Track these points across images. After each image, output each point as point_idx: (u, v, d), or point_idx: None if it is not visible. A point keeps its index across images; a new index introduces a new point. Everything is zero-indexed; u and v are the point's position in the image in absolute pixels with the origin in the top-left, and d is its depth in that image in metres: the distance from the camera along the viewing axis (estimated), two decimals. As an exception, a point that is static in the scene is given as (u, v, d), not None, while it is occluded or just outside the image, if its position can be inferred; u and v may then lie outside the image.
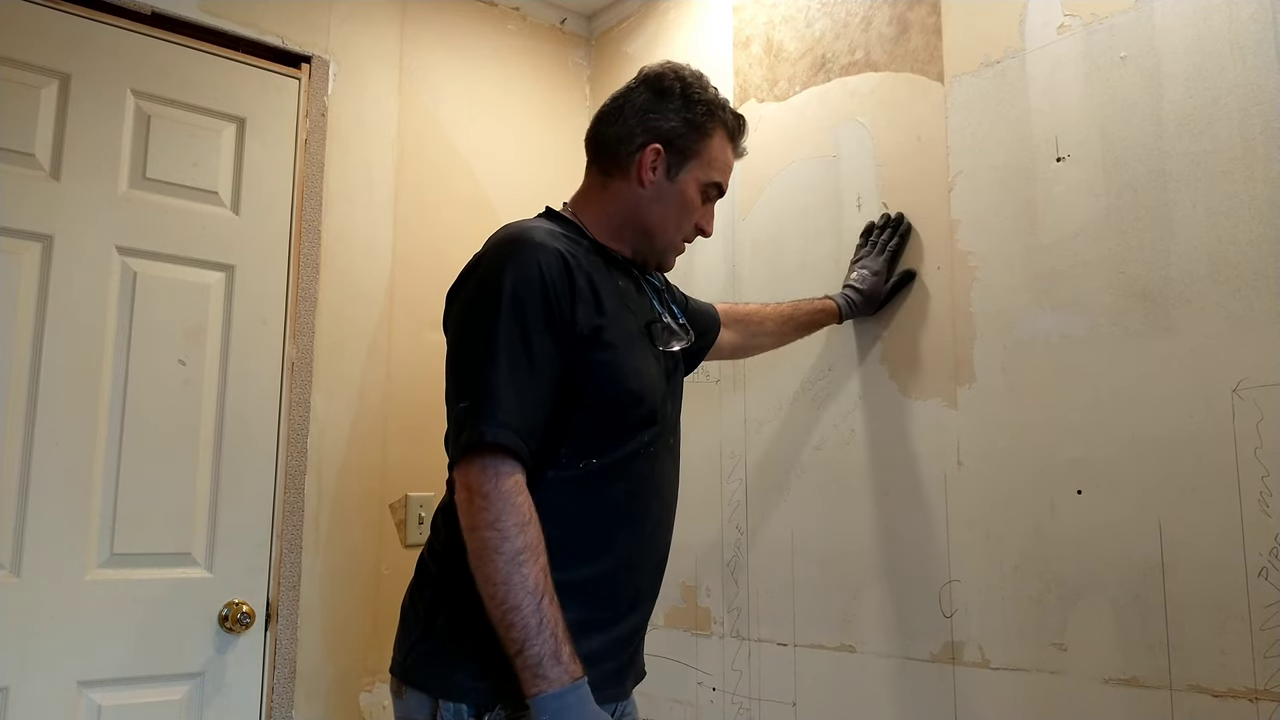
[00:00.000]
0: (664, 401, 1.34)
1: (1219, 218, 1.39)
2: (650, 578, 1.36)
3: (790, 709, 1.91)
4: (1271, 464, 1.31)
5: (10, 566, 1.76)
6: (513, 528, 1.10)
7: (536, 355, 1.17)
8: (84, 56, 1.93)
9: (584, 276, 1.24)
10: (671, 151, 1.35)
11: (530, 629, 1.07)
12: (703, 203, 1.40)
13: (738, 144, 1.43)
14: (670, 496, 1.40)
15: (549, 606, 1.09)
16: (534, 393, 1.17)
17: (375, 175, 2.27)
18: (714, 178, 1.39)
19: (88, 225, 1.89)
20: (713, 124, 1.37)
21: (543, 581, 1.10)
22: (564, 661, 1.07)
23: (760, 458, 2.04)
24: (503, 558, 1.09)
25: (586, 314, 1.22)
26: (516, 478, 1.13)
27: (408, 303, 2.27)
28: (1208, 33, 1.42)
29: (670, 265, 1.44)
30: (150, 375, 1.93)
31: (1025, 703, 1.54)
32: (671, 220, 1.37)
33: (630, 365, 1.26)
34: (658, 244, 1.39)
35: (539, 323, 1.18)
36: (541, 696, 1.05)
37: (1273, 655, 1.28)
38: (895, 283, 1.80)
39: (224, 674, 1.94)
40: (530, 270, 1.19)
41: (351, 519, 2.14)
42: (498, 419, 1.13)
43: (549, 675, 1.06)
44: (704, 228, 1.42)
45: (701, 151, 1.36)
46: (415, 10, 2.40)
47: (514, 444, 1.13)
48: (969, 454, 1.67)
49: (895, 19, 1.88)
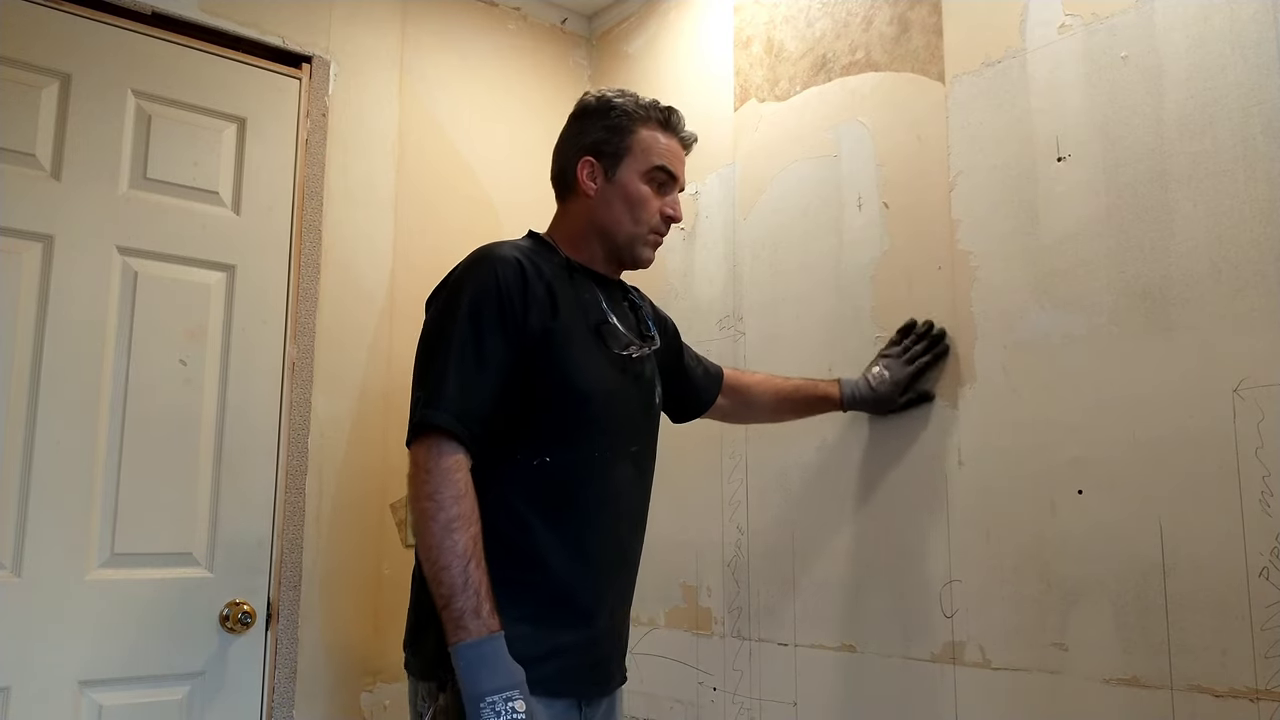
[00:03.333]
0: (620, 404, 1.43)
1: (1219, 218, 1.39)
2: (617, 581, 1.44)
3: (791, 709, 1.91)
4: (1272, 464, 1.31)
5: (11, 566, 1.76)
6: (448, 499, 1.24)
7: (486, 353, 1.31)
8: (84, 56, 1.93)
9: (543, 285, 1.37)
10: (603, 157, 1.47)
11: (456, 587, 1.20)
12: (658, 190, 1.48)
13: (673, 130, 1.50)
14: (630, 503, 1.47)
15: (474, 569, 1.22)
16: (480, 385, 1.30)
17: (376, 175, 2.27)
18: (653, 163, 1.47)
19: (88, 225, 1.89)
20: (633, 122, 1.47)
21: (471, 548, 1.23)
22: (483, 617, 1.20)
23: (760, 458, 2.04)
24: (437, 525, 1.22)
25: (540, 317, 1.35)
26: (456, 457, 1.27)
27: (408, 303, 2.27)
28: (1208, 32, 1.42)
29: (644, 258, 1.51)
30: (151, 375, 1.93)
31: (1025, 703, 1.54)
32: (624, 216, 1.47)
33: (578, 365, 1.37)
34: (619, 240, 1.48)
35: (492, 325, 1.32)
36: (461, 645, 1.19)
37: (1274, 655, 1.28)
38: (910, 399, 1.74)
39: (224, 674, 1.94)
40: (489, 280, 1.34)
41: (352, 519, 2.14)
42: (442, 405, 1.27)
43: (469, 627, 1.20)
44: (668, 213, 1.49)
45: (631, 147, 1.47)
46: (416, 10, 2.40)
47: (455, 427, 1.27)
48: (969, 454, 1.67)
49: (896, 19, 1.88)
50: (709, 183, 2.26)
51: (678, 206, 1.51)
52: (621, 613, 1.47)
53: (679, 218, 1.51)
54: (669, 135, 1.50)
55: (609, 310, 1.46)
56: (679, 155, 1.51)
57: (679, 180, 1.51)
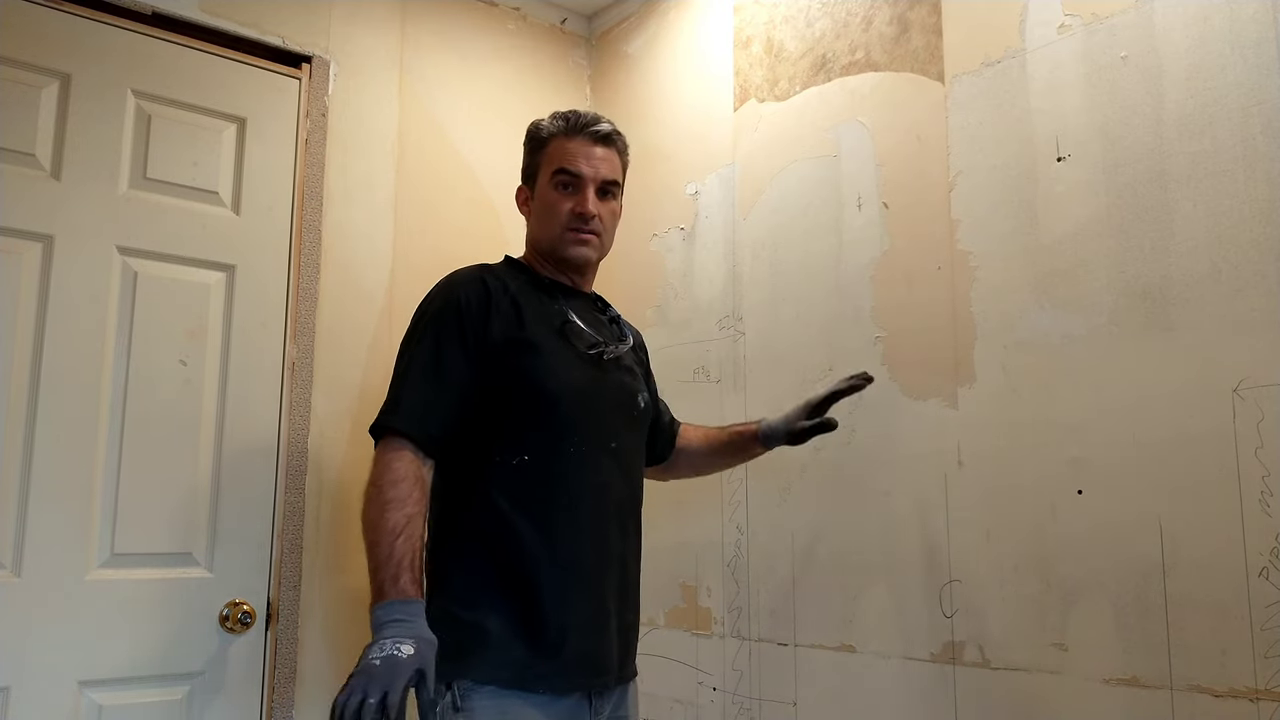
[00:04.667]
0: (595, 402, 1.50)
1: (1219, 218, 1.39)
2: (605, 577, 1.47)
3: (791, 709, 1.91)
4: (1272, 464, 1.31)
5: (11, 566, 1.76)
6: (386, 484, 1.35)
7: (446, 365, 1.43)
8: (84, 56, 1.93)
9: (507, 299, 1.48)
10: (528, 180, 1.62)
11: (381, 559, 1.31)
12: (565, 193, 1.56)
13: (577, 131, 1.57)
14: (613, 499, 1.50)
15: (401, 544, 1.32)
16: (436, 393, 1.42)
17: (375, 175, 2.27)
18: (554, 167, 1.56)
19: (88, 225, 1.89)
20: (546, 139, 1.58)
21: (401, 525, 1.33)
22: (400, 585, 1.29)
23: (760, 458, 2.04)
24: (374, 506, 1.35)
25: (504, 328, 1.45)
26: (400, 451, 1.38)
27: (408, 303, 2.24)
28: (1208, 33, 1.42)
29: (573, 255, 1.56)
30: (151, 375, 1.93)
31: (1025, 703, 1.54)
32: (545, 225, 1.58)
33: (548, 368, 1.46)
34: (545, 247, 1.58)
35: (453, 340, 1.44)
36: (376, 605, 1.29)
37: (1273, 655, 1.28)
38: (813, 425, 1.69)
39: (224, 674, 1.94)
40: (452, 299, 1.47)
41: (352, 519, 2.11)
42: (398, 411, 1.41)
43: (386, 592, 1.29)
44: (575, 210, 1.55)
45: (542, 162, 1.59)
46: (415, 10, 2.40)
47: (404, 428, 1.39)
48: (969, 454, 1.67)
49: (896, 19, 1.88)
50: (709, 183, 2.26)
51: (584, 203, 1.55)
52: (619, 608, 1.48)
53: (585, 211, 1.54)
54: (575, 138, 1.56)
55: (570, 313, 1.54)
56: (587, 153, 1.56)
57: (584, 176, 1.55)
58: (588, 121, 1.57)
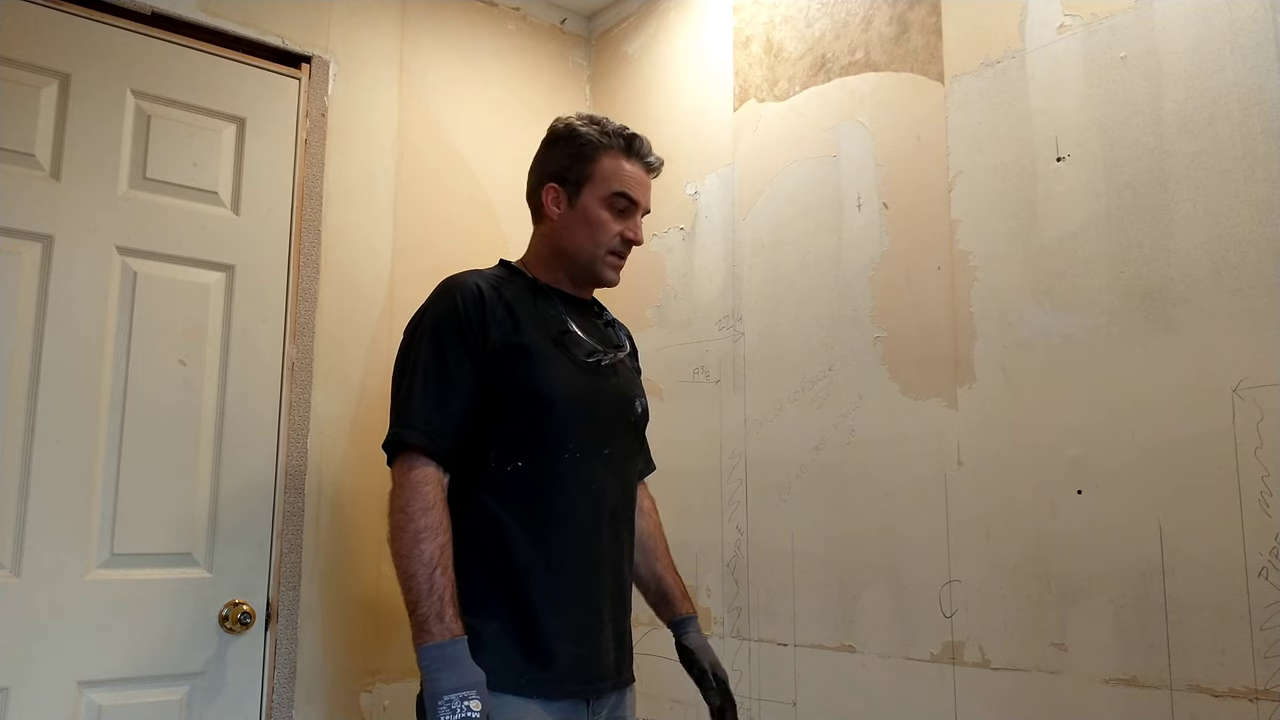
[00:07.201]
0: (588, 409, 1.48)
1: (1219, 218, 1.39)
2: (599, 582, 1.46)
3: (790, 709, 1.91)
4: (1272, 464, 1.31)
5: (10, 566, 1.76)
6: (416, 512, 1.33)
7: (450, 371, 1.41)
8: (84, 56, 1.92)
9: (503, 305, 1.47)
10: (566, 184, 1.55)
11: (422, 593, 1.29)
12: (618, 215, 1.54)
13: (635, 156, 1.55)
14: (608, 504, 1.49)
15: (440, 576, 1.30)
16: (447, 401, 1.40)
17: (375, 175, 2.27)
18: (614, 189, 1.53)
19: (88, 225, 1.89)
20: (596, 150, 1.53)
21: (437, 556, 1.31)
22: (446, 622, 1.28)
23: (760, 458, 2.04)
24: (407, 535, 1.32)
25: (501, 334, 1.44)
26: (426, 471, 1.36)
27: (408, 303, 2.25)
28: (1208, 33, 1.42)
29: (606, 278, 1.57)
30: (150, 375, 1.93)
31: (1025, 703, 1.54)
32: (584, 239, 1.54)
33: (542, 375, 1.44)
34: (580, 262, 1.55)
35: (454, 346, 1.42)
36: (425, 647, 1.27)
37: (1273, 655, 1.28)
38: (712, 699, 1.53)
39: (224, 674, 1.94)
40: (450, 305, 1.45)
41: (352, 519, 2.14)
42: (412, 423, 1.38)
43: (432, 631, 1.28)
44: (628, 236, 1.55)
45: (593, 174, 1.53)
46: (415, 10, 2.40)
47: (423, 443, 1.37)
48: (969, 454, 1.67)
49: (895, 19, 1.88)
50: (708, 183, 2.26)
51: (638, 230, 1.56)
52: (613, 614, 1.48)
53: (639, 240, 1.56)
54: (632, 161, 1.55)
55: (569, 321, 1.53)
56: (642, 181, 1.56)
57: (640, 204, 1.56)
58: (643, 148, 1.56)
